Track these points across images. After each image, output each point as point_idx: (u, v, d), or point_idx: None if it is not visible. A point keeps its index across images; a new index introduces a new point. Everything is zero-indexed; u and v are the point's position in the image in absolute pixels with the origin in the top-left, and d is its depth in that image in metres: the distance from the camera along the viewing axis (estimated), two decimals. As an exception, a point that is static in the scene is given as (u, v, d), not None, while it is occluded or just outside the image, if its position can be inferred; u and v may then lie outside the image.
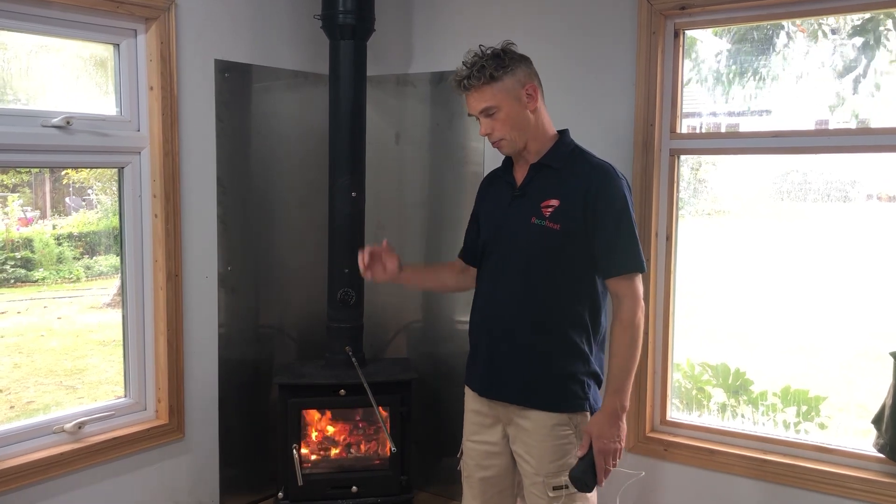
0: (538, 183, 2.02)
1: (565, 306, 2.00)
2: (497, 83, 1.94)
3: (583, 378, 2.01)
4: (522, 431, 2.04)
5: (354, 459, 2.97)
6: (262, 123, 3.04)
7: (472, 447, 2.17)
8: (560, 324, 2.00)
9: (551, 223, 1.96)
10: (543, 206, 1.98)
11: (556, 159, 2.02)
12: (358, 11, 2.82)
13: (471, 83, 1.95)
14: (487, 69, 1.93)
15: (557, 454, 2.00)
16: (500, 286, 2.05)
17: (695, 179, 2.80)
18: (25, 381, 2.61)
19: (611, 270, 1.97)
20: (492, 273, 2.08)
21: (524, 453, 2.05)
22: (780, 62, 2.59)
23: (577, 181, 1.98)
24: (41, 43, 2.47)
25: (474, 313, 2.15)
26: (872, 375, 2.41)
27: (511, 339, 2.03)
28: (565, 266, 1.99)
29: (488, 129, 1.98)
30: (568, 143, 2.06)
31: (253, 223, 3.03)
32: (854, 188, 2.55)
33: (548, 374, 2.01)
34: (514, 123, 1.97)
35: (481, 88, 1.95)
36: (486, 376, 2.09)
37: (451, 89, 2.02)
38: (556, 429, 2.00)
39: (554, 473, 2.00)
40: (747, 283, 2.79)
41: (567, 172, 2.01)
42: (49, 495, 2.41)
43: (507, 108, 1.96)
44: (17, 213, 2.72)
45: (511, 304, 2.02)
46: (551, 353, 2.00)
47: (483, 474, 2.14)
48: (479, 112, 1.98)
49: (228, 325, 2.94)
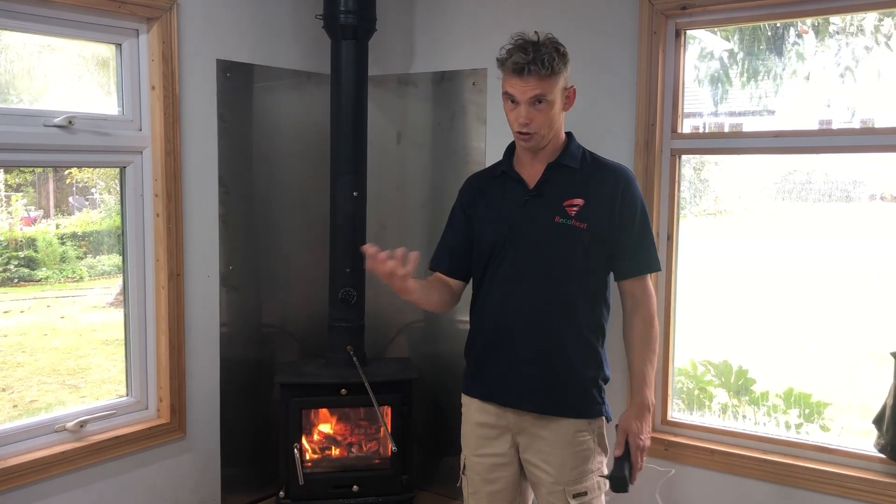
0: (556, 182, 1.99)
1: (587, 308, 1.98)
2: (557, 77, 1.91)
3: (600, 383, 2.01)
4: (539, 440, 1.99)
5: (356, 459, 2.97)
6: (263, 123, 3.05)
7: (477, 461, 2.09)
8: (582, 327, 1.97)
9: (577, 222, 1.94)
10: (567, 206, 1.95)
11: (572, 159, 2.01)
12: (359, 11, 2.82)
13: (534, 69, 1.87)
14: (556, 61, 1.89)
15: (578, 461, 1.97)
16: (520, 289, 1.97)
17: (697, 179, 2.79)
18: (29, 379, 2.63)
19: (633, 270, 1.98)
20: (507, 276, 1.99)
21: (541, 462, 1.99)
22: (783, 62, 2.58)
23: (602, 181, 1.98)
24: (44, 43, 2.48)
25: (485, 318, 2.05)
26: (875, 376, 2.40)
27: (533, 345, 1.97)
28: (588, 267, 1.97)
29: (529, 117, 1.91)
30: (577, 145, 2.06)
31: (254, 222, 3.04)
32: (857, 188, 2.54)
33: (572, 381, 1.97)
34: (552, 120, 1.95)
35: (543, 77, 1.88)
36: (502, 385, 2.01)
37: (500, 65, 1.94)
38: (577, 436, 1.97)
39: (574, 481, 1.97)
40: (749, 284, 2.78)
41: (586, 173, 2.00)
42: (51, 494, 2.42)
43: (555, 104, 1.93)
44: (21, 213, 2.73)
45: (537, 307, 1.96)
46: (575, 359, 1.97)
47: (491, 488, 2.07)
48: (527, 98, 1.90)
49: (230, 324, 2.94)
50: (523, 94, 1.90)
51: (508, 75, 1.92)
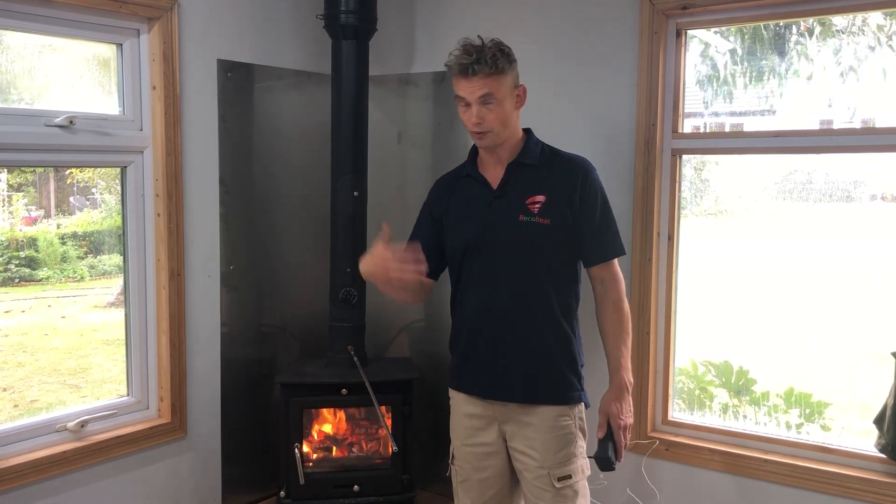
0: (517, 181, 2.07)
1: (560, 298, 2.06)
2: (502, 76, 1.98)
3: (577, 368, 2.10)
4: (525, 427, 2.06)
5: (356, 458, 2.97)
6: (264, 123, 3.05)
7: (467, 451, 2.17)
8: (557, 317, 2.05)
9: (541, 218, 2.02)
10: (529, 203, 2.04)
11: (531, 157, 2.09)
12: (360, 11, 2.82)
13: (478, 68, 1.94)
14: (498, 60, 1.95)
15: (561, 445, 2.05)
16: (495, 287, 2.06)
17: (698, 179, 2.79)
18: (29, 379, 2.63)
19: (600, 257, 2.08)
20: (481, 275, 2.09)
21: (526, 448, 2.07)
22: (785, 62, 2.58)
23: (561, 175, 2.06)
24: (45, 43, 2.48)
25: (464, 318, 2.15)
26: (875, 376, 2.40)
27: (512, 337, 2.06)
28: (557, 259, 2.05)
29: (480, 117, 1.98)
30: (536, 141, 2.13)
31: (255, 222, 3.04)
32: (857, 188, 2.54)
33: (551, 369, 2.06)
34: (505, 119, 2.01)
35: (488, 76, 1.95)
36: (486, 378, 2.10)
37: (449, 69, 2.01)
38: (558, 420, 2.05)
39: (559, 464, 2.04)
40: (749, 284, 2.78)
41: (546, 168, 2.08)
42: (52, 494, 2.42)
43: (504, 102, 1.99)
44: (22, 213, 2.73)
45: (510, 303, 2.05)
46: (552, 348, 2.06)
47: (481, 476, 2.16)
48: (476, 98, 1.97)
49: (231, 324, 2.94)
50: (471, 93, 1.97)
51: (456, 78, 1.99)
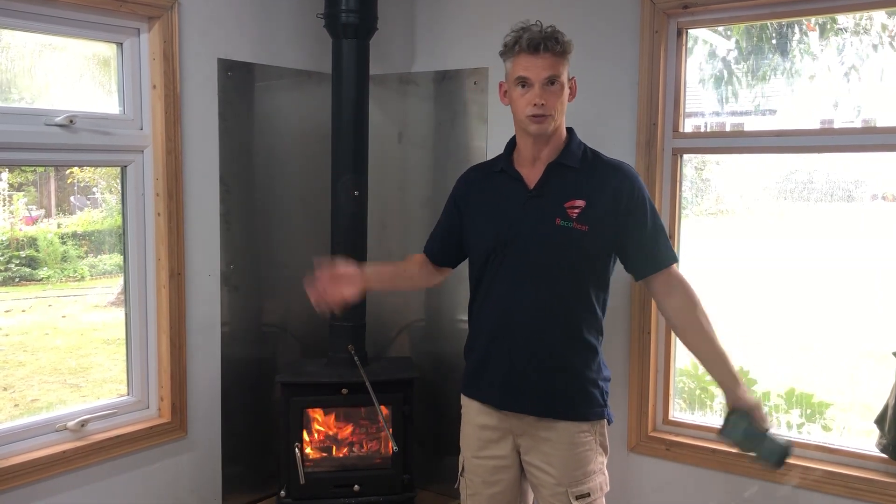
0: (556, 183, 1.95)
1: (588, 311, 1.96)
2: (566, 60, 1.91)
3: (601, 384, 2.00)
4: (543, 442, 1.97)
5: (357, 458, 2.97)
6: (264, 122, 3.05)
7: (478, 464, 2.07)
8: (584, 329, 1.95)
9: (579, 224, 1.90)
10: (568, 207, 1.91)
11: (573, 159, 1.97)
12: (361, 10, 2.82)
13: (550, 45, 1.85)
14: (566, 42, 1.89)
15: (580, 462, 1.96)
16: (523, 291, 1.94)
17: (699, 179, 2.79)
18: (30, 379, 2.63)
19: (658, 265, 1.96)
20: (506, 278, 1.96)
21: (543, 464, 1.97)
22: (786, 61, 2.58)
23: (602, 182, 1.94)
24: (45, 42, 2.48)
25: (484, 320, 2.02)
26: (876, 375, 2.40)
27: (538, 347, 1.94)
28: (591, 269, 1.94)
29: (544, 98, 1.87)
30: (579, 143, 2.02)
31: (256, 221, 3.04)
32: (858, 188, 2.53)
33: (575, 383, 1.96)
34: (562, 105, 1.93)
35: (557, 55, 1.87)
36: (505, 388, 1.98)
37: (506, 49, 1.92)
38: (578, 436, 1.96)
39: (577, 482, 1.95)
40: (750, 284, 2.78)
41: (587, 173, 1.96)
42: (52, 493, 2.42)
43: (565, 88, 1.92)
44: (22, 212, 2.73)
45: (537, 310, 1.93)
46: (577, 361, 1.95)
47: (491, 490, 2.05)
48: (543, 78, 1.86)
49: (231, 323, 2.94)
50: (539, 73, 1.86)
51: (522, 55, 1.88)
